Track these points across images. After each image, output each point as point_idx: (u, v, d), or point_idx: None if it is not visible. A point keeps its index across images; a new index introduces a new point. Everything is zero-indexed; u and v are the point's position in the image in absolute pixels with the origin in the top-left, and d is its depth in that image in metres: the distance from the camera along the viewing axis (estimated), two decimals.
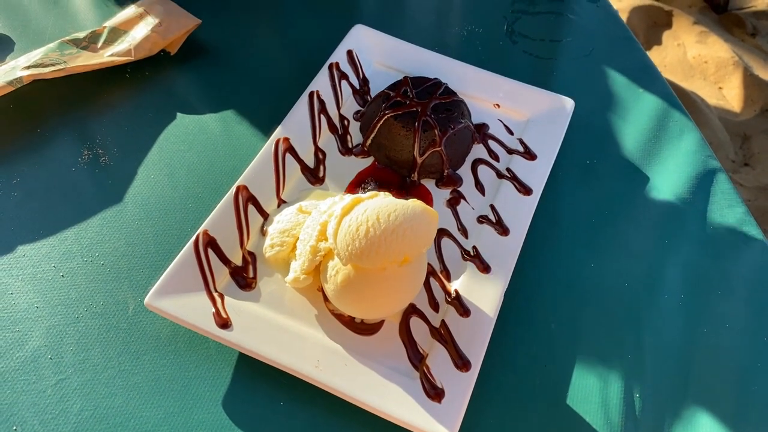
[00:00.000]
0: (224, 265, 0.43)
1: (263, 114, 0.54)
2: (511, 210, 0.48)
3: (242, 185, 0.46)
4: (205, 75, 0.57)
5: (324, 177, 0.50)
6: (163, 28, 0.57)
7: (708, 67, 1.43)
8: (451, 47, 0.62)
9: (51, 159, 0.49)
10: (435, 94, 0.51)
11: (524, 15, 0.66)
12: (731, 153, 1.25)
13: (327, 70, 0.55)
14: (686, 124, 0.57)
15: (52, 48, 0.54)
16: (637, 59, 0.63)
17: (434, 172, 0.50)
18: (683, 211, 0.51)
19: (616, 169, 0.53)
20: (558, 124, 0.54)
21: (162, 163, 0.50)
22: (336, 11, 0.65)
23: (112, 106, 0.54)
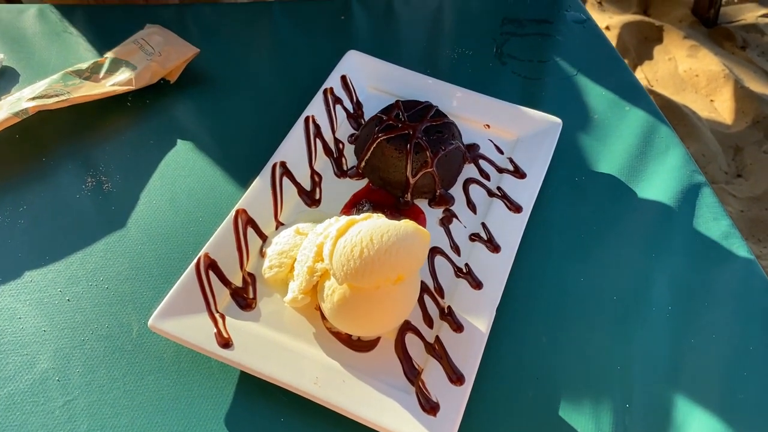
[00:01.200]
0: (225, 287, 0.45)
1: (261, 138, 0.56)
2: (502, 227, 0.50)
3: (241, 209, 0.48)
4: (203, 102, 0.59)
5: (320, 199, 0.51)
6: (162, 57, 0.59)
7: (699, 81, 1.45)
8: (442, 70, 0.64)
9: (56, 187, 0.51)
10: (426, 117, 0.53)
11: (513, 37, 0.68)
12: (724, 165, 1.26)
13: (322, 94, 0.57)
14: (672, 140, 0.59)
15: (55, 79, 0.56)
16: (623, 78, 0.65)
17: (427, 192, 0.52)
18: (670, 225, 0.52)
19: (604, 186, 0.55)
20: (546, 143, 0.55)
21: (163, 189, 0.52)
22: (330, 37, 0.67)
23: (115, 133, 0.55)
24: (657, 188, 0.55)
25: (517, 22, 0.70)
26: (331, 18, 0.69)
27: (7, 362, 0.42)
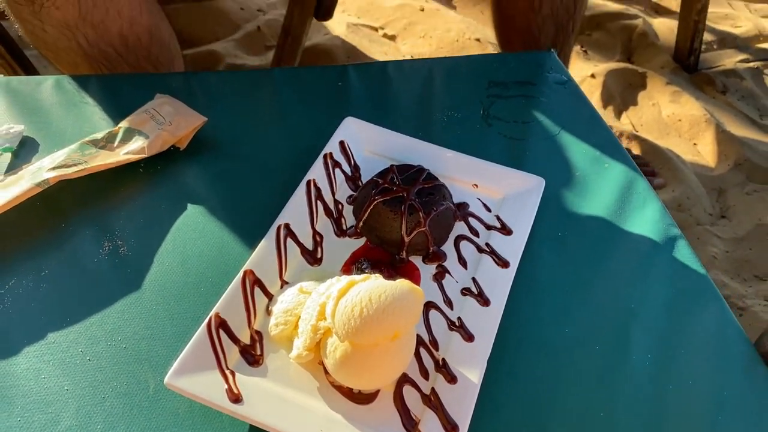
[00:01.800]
0: (234, 344, 0.48)
1: (266, 201, 0.60)
2: (491, 282, 0.53)
3: (249, 270, 0.51)
4: (211, 167, 0.63)
5: (322, 258, 0.55)
6: (173, 126, 0.63)
7: (682, 125, 1.51)
8: (433, 132, 0.69)
9: (75, 252, 0.55)
10: (419, 180, 0.57)
11: (498, 99, 0.73)
12: (708, 206, 1.31)
13: (322, 159, 0.61)
14: (649, 195, 0.63)
15: (73, 149, 0.60)
16: (602, 136, 0.69)
17: (420, 249, 0.56)
18: (648, 277, 0.56)
19: (586, 240, 0.59)
20: (530, 201, 0.59)
21: (175, 251, 0.55)
22: (328, 102, 0.72)
23: (129, 199, 0.59)
24: (636, 241, 0.59)
25: (502, 85, 0.75)
26: (329, 83, 0.74)
27: (32, 421, 0.45)
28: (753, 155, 1.41)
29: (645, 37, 1.77)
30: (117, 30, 0.79)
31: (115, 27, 0.78)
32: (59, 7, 0.74)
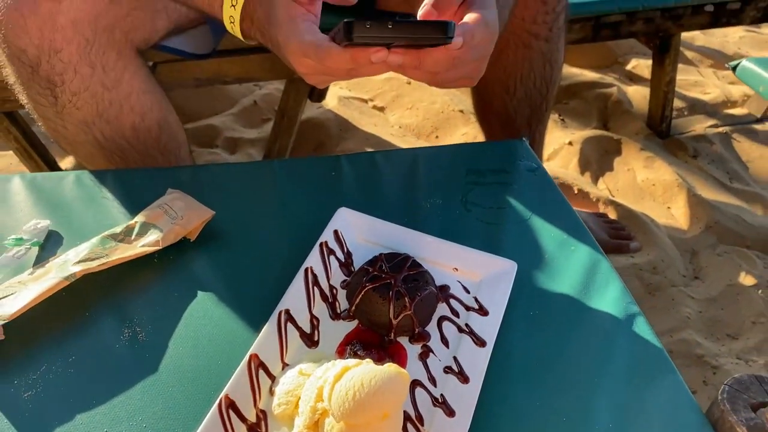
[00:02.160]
0: (242, 423, 0.54)
1: (268, 286, 0.66)
2: (470, 360, 0.60)
3: (254, 354, 0.58)
4: (218, 256, 0.70)
5: (318, 341, 0.62)
6: (184, 220, 0.70)
7: (656, 190, 1.60)
8: (417, 218, 0.77)
9: (99, 338, 0.61)
10: (404, 267, 0.65)
11: (476, 186, 0.81)
12: (682, 268, 1.39)
13: (318, 247, 0.68)
14: (610, 275, 0.70)
15: (95, 243, 0.67)
16: (569, 220, 0.77)
17: (407, 331, 0.63)
18: (610, 352, 0.63)
19: (555, 318, 0.66)
20: (505, 283, 0.67)
21: (188, 336, 0.62)
22: (323, 190, 0.80)
23: (145, 288, 0.66)
24: (599, 319, 0.66)
25: (479, 173, 0.83)
26: (323, 173, 0.82)
27: None
28: (722, 218, 1.50)
29: (620, 105, 1.88)
30: (130, 124, 0.87)
31: (129, 122, 0.87)
32: (80, 108, 0.83)
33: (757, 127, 1.86)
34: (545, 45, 1.03)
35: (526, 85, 1.07)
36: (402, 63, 0.60)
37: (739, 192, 1.61)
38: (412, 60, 0.61)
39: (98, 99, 0.83)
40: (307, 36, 0.62)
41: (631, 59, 2.16)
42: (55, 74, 0.79)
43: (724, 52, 2.27)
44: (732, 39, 2.36)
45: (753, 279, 1.34)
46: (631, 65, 2.14)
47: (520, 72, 1.05)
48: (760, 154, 1.75)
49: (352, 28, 0.56)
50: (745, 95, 1.97)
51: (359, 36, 0.57)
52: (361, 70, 0.62)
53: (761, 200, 1.59)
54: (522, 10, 0.98)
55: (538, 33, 1.01)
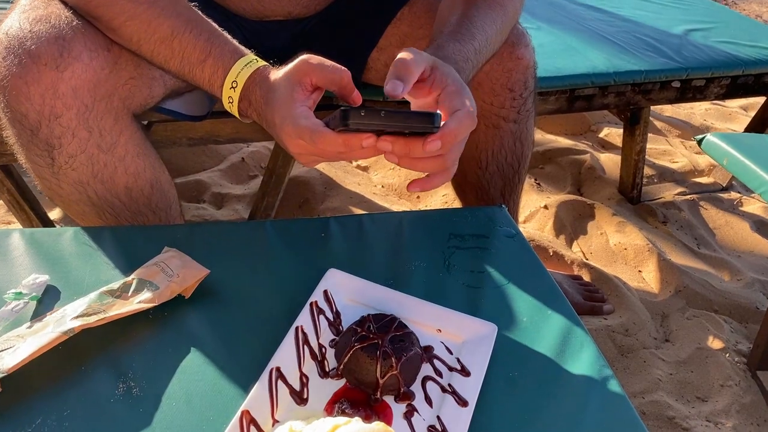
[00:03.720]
0: None
1: (259, 344, 0.69)
2: (453, 420, 0.63)
3: (245, 410, 0.60)
4: (212, 313, 0.73)
5: (308, 398, 0.65)
6: (180, 278, 0.73)
7: (628, 254, 1.66)
8: (402, 279, 0.80)
9: (94, 393, 0.63)
10: (391, 328, 0.68)
11: (457, 250, 0.86)
12: (653, 331, 1.43)
13: (308, 307, 0.72)
14: (585, 340, 0.74)
15: (93, 299, 0.70)
16: (545, 285, 0.81)
17: (393, 390, 0.66)
18: (584, 414, 0.66)
19: (532, 380, 0.69)
20: (486, 345, 0.70)
21: (181, 392, 0.64)
22: (313, 251, 0.83)
23: (140, 343, 0.69)
24: (574, 381, 0.69)
25: (460, 237, 0.88)
26: (313, 234, 0.86)
27: None
28: (691, 282, 1.56)
29: (593, 171, 1.96)
30: (123, 184, 0.90)
31: (122, 182, 0.90)
32: (75, 169, 0.86)
33: (722, 196, 1.95)
34: (514, 126, 1.09)
35: (498, 160, 1.13)
36: (391, 150, 0.66)
37: (706, 258, 1.68)
38: (401, 148, 0.66)
39: (94, 161, 0.86)
40: (303, 120, 0.68)
41: (604, 127, 2.26)
42: (54, 138, 0.82)
43: (691, 123, 2.39)
44: (698, 111, 2.49)
45: (721, 343, 1.39)
46: (604, 133, 2.24)
47: (491, 149, 1.11)
48: (725, 221, 1.84)
49: (348, 115, 0.63)
50: (711, 165, 2.07)
51: (354, 123, 0.63)
52: (351, 154, 0.68)
53: (727, 266, 1.66)
54: (491, 96, 1.04)
55: (507, 116, 1.07)
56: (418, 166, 0.70)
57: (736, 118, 2.45)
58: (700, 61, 1.64)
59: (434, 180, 0.72)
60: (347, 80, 0.74)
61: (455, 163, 0.72)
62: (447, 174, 0.72)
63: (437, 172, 0.71)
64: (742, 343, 1.42)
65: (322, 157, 0.72)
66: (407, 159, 0.69)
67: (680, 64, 1.62)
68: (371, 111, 0.64)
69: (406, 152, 0.67)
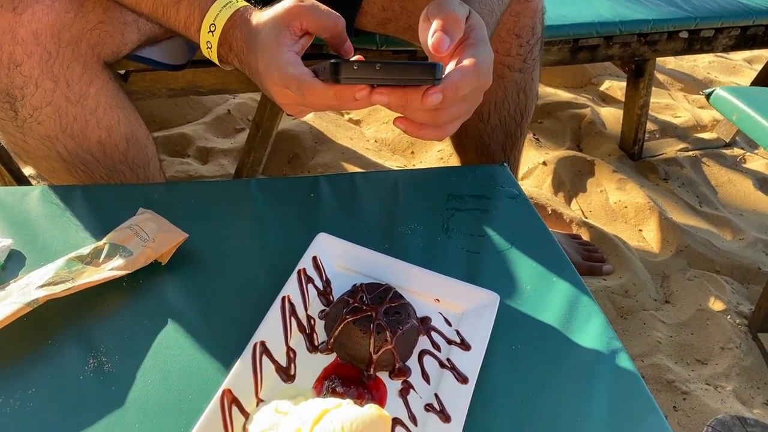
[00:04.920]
0: None
1: (243, 315, 0.64)
2: (452, 398, 0.58)
3: (227, 389, 0.55)
4: (191, 281, 0.67)
5: (295, 375, 0.60)
6: (156, 243, 0.67)
7: (628, 212, 1.61)
8: (397, 244, 0.75)
9: (62, 369, 0.58)
10: (386, 299, 0.63)
11: (456, 212, 0.80)
12: (653, 292, 1.40)
13: (296, 275, 0.66)
14: (593, 309, 0.70)
15: (61, 266, 0.64)
16: (551, 250, 0.76)
17: (387, 365, 0.61)
18: (592, 388, 0.62)
19: (537, 353, 0.65)
20: (486, 316, 0.65)
21: (157, 368, 0.59)
22: (301, 213, 0.77)
23: (112, 315, 0.63)
24: (581, 354, 0.65)
25: (459, 198, 0.82)
26: (301, 195, 0.80)
27: None
28: (693, 242, 1.51)
29: (593, 126, 1.89)
30: (96, 139, 0.83)
31: (94, 136, 0.83)
32: (41, 122, 0.79)
33: (725, 152, 1.89)
34: (519, 75, 1.02)
35: (500, 113, 1.07)
36: (387, 102, 0.59)
37: (708, 216, 1.63)
38: (398, 100, 0.59)
39: (62, 114, 0.79)
40: (290, 68, 0.61)
41: (605, 80, 2.19)
42: (15, 88, 0.75)
43: (695, 76, 2.31)
44: (701, 64, 2.41)
45: (722, 304, 1.36)
46: (605, 86, 2.16)
47: (494, 100, 1.05)
48: (728, 178, 1.78)
49: (339, 69, 0.56)
50: (715, 120, 2.00)
51: (346, 78, 0.56)
52: (343, 106, 0.61)
53: (729, 225, 1.61)
54: (496, 43, 0.97)
55: (512, 65, 1.00)
56: (413, 116, 0.63)
57: (740, 72, 2.38)
58: (710, 11, 1.56)
59: (425, 132, 0.64)
60: (341, 28, 0.67)
61: (452, 123, 0.64)
62: (440, 132, 0.65)
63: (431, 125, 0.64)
64: (744, 305, 1.39)
65: (311, 109, 0.65)
66: (402, 108, 0.62)
67: (689, 13, 1.54)
68: (365, 64, 0.57)
69: (402, 104, 0.60)
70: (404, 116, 0.63)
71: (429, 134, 0.64)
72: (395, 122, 0.63)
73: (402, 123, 0.63)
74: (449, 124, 0.63)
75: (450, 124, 0.63)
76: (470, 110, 0.64)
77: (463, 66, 0.60)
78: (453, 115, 0.62)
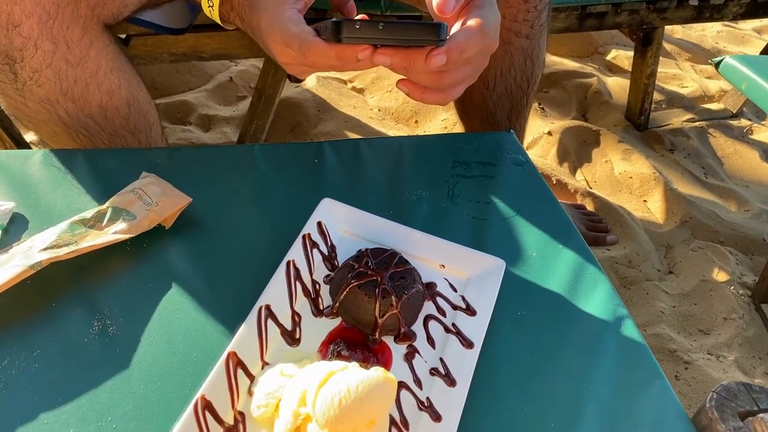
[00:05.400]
0: (219, 425, 0.52)
1: (247, 279, 0.64)
2: (457, 363, 0.58)
3: (232, 352, 0.55)
4: (195, 245, 0.67)
5: (300, 338, 0.59)
6: (159, 207, 0.67)
7: (633, 183, 1.60)
8: (402, 211, 0.74)
9: (66, 331, 0.58)
10: (391, 264, 0.62)
11: (462, 179, 0.79)
12: (657, 263, 1.39)
13: (301, 240, 0.66)
14: (599, 277, 0.69)
15: (64, 229, 0.63)
16: (557, 217, 0.75)
17: (392, 330, 0.60)
18: (598, 355, 0.62)
19: (542, 320, 0.64)
20: (492, 282, 0.65)
21: (162, 330, 0.59)
22: (306, 179, 0.76)
23: (116, 278, 0.63)
24: (587, 321, 0.65)
25: (465, 165, 0.81)
26: (306, 160, 0.79)
27: None
28: (697, 213, 1.51)
29: (599, 96, 1.87)
30: (96, 103, 0.82)
31: (95, 100, 0.82)
32: (41, 85, 0.78)
33: (732, 123, 1.87)
34: (526, 42, 1.00)
35: (507, 80, 1.05)
36: (390, 63, 0.58)
37: (713, 187, 1.62)
38: (401, 61, 0.58)
39: (62, 76, 0.78)
40: (292, 27, 0.59)
41: (611, 50, 2.15)
42: (14, 50, 0.74)
43: (703, 46, 2.28)
44: (710, 33, 2.37)
45: (726, 275, 1.35)
46: (611, 56, 2.13)
47: (500, 67, 1.03)
48: (734, 149, 1.77)
49: (341, 29, 0.54)
50: (722, 90, 1.98)
51: (348, 38, 0.55)
52: (345, 66, 0.60)
53: (735, 196, 1.60)
54: (503, 8, 0.95)
55: (519, 30, 0.98)
56: (417, 78, 0.61)
57: (749, 41, 2.34)
58: None
59: (428, 95, 0.62)
60: None
61: (457, 87, 0.63)
62: (444, 96, 0.63)
63: (435, 88, 0.63)
64: (747, 276, 1.38)
65: (313, 69, 0.64)
66: (405, 70, 0.60)
67: None
68: (367, 24, 0.55)
69: (406, 66, 0.59)
70: (407, 78, 0.61)
71: (432, 98, 0.62)
72: (398, 84, 0.62)
73: (405, 85, 0.61)
74: (453, 87, 0.62)
75: (454, 88, 0.62)
76: (475, 74, 0.62)
77: (469, 27, 0.59)
78: (457, 78, 0.61)
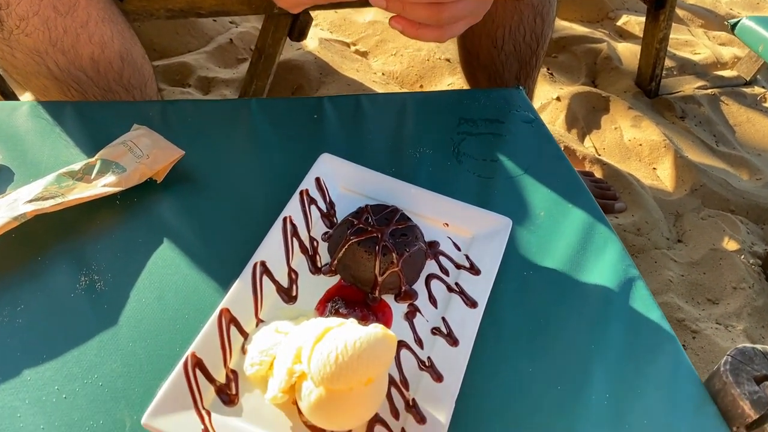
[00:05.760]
0: (210, 384, 0.49)
1: (242, 235, 0.61)
2: (459, 322, 0.56)
3: (225, 308, 0.53)
4: (188, 200, 0.64)
5: (297, 296, 0.57)
6: (150, 159, 0.64)
7: (643, 150, 1.56)
8: (405, 169, 0.71)
9: (52, 286, 0.55)
10: (392, 221, 0.59)
11: (468, 136, 0.76)
12: (666, 231, 1.36)
13: (298, 195, 0.63)
14: (609, 237, 0.66)
15: (50, 181, 0.61)
16: (567, 176, 0.72)
17: (393, 288, 0.58)
18: (607, 317, 0.59)
19: (549, 281, 0.62)
20: (498, 241, 0.62)
21: (152, 287, 0.56)
22: (304, 135, 0.73)
23: (105, 232, 0.60)
24: (596, 282, 0.62)
25: (471, 122, 0.78)
26: (305, 116, 0.76)
27: None
28: (708, 181, 1.47)
29: (609, 61, 1.83)
30: (88, 55, 0.79)
31: (86, 52, 0.79)
32: (29, 35, 0.74)
33: (745, 90, 1.82)
34: None
35: (515, 38, 1.01)
36: None
37: (725, 156, 1.58)
38: None
39: (50, 26, 0.74)
40: None
41: (622, 15, 2.10)
42: None
43: (716, 12, 2.22)
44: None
45: (736, 244, 1.32)
46: (622, 21, 2.07)
47: (509, 24, 0.99)
48: (747, 117, 1.72)
49: None
50: (736, 57, 1.93)
51: None
52: None
53: (746, 165, 1.57)
54: None
55: None
56: (413, 13, 0.58)
57: (764, 8, 2.28)
58: None
59: (424, 32, 0.59)
60: None
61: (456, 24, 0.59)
62: (441, 33, 0.59)
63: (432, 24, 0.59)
64: (758, 245, 1.35)
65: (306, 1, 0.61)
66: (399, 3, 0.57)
67: None
68: None
69: None
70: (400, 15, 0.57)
71: (428, 34, 0.59)
72: (391, 22, 0.58)
73: (398, 22, 0.58)
74: (452, 24, 0.58)
75: (453, 25, 0.58)
76: (477, 12, 0.58)
77: None
78: (457, 13, 0.57)
